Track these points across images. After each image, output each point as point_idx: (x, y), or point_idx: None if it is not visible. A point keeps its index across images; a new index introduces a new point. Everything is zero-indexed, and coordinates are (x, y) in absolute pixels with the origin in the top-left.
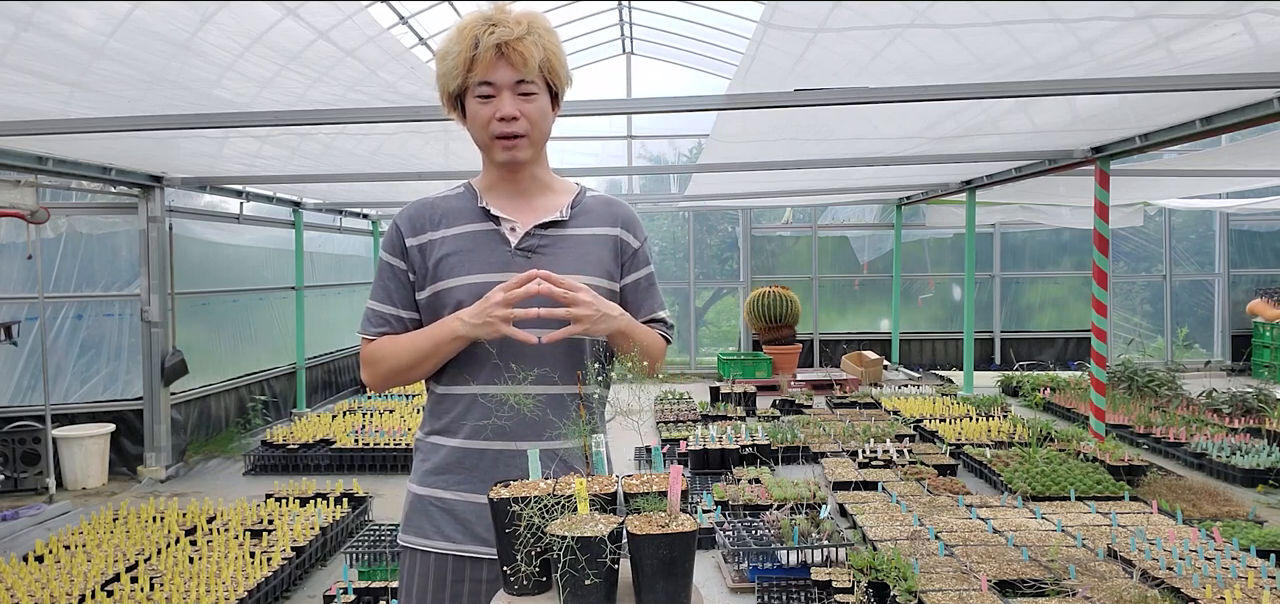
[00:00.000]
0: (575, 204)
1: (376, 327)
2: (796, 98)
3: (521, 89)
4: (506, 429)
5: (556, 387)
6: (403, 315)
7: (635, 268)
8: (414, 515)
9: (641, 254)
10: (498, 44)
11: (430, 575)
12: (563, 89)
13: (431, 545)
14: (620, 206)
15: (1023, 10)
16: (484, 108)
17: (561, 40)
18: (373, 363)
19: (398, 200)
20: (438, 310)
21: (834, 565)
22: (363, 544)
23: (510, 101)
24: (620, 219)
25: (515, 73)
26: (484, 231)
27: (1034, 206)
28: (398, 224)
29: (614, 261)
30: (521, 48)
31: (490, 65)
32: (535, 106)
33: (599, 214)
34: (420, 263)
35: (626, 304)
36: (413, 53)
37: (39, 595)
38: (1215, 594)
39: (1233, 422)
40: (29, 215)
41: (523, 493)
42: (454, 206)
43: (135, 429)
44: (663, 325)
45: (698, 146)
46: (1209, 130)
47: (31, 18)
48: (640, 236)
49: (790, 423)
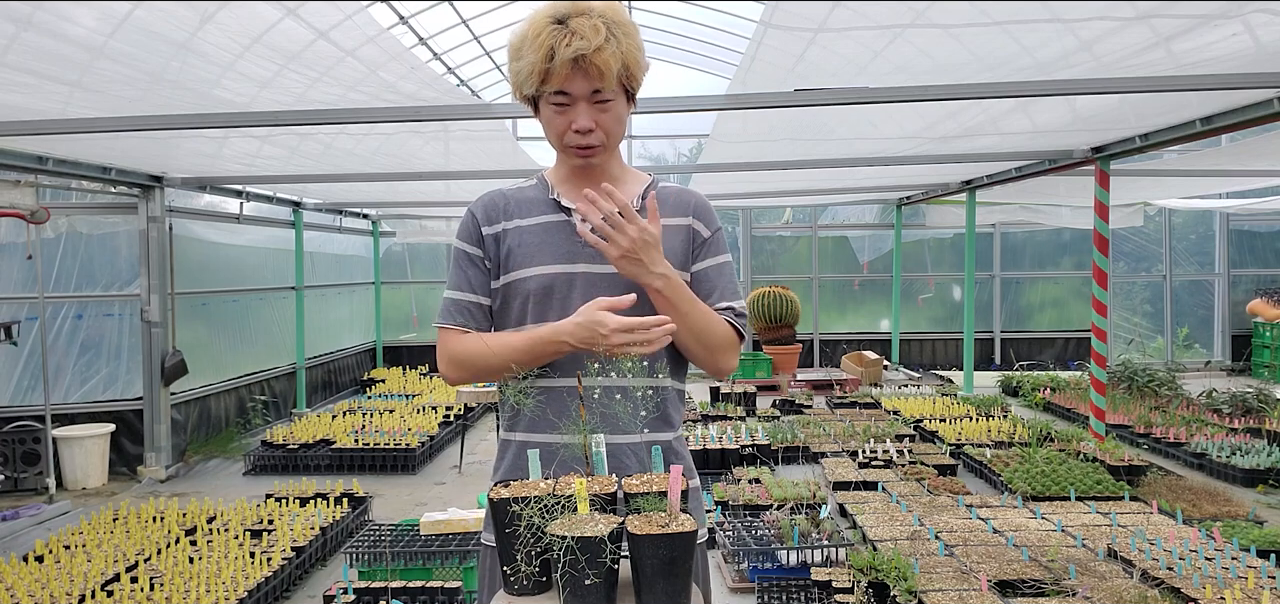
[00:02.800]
0: (646, 195)
1: (460, 317)
2: (796, 98)
3: (598, 98)
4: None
5: (651, 377)
6: (484, 302)
7: (706, 255)
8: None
9: (714, 242)
10: (575, 57)
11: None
12: (639, 87)
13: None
14: (692, 195)
15: (1023, 10)
16: (559, 117)
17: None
18: (460, 360)
19: (398, 200)
20: (509, 300)
21: (834, 565)
22: (363, 544)
23: (586, 114)
24: (691, 207)
25: (591, 84)
26: (556, 223)
27: (1034, 206)
28: (473, 212)
29: (685, 251)
30: (599, 61)
31: (567, 77)
32: (611, 115)
33: (670, 203)
34: (495, 251)
35: (697, 291)
36: (413, 53)
37: (39, 595)
38: (1215, 594)
39: (1233, 422)
40: (29, 215)
41: (523, 493)
42: (527, 197)
43: (135, 429)
44: (732, 314)
45: (698, 146)
46: (1209, 130)
47: (31, 18)
48: (712, 225)
49: (790, 423)
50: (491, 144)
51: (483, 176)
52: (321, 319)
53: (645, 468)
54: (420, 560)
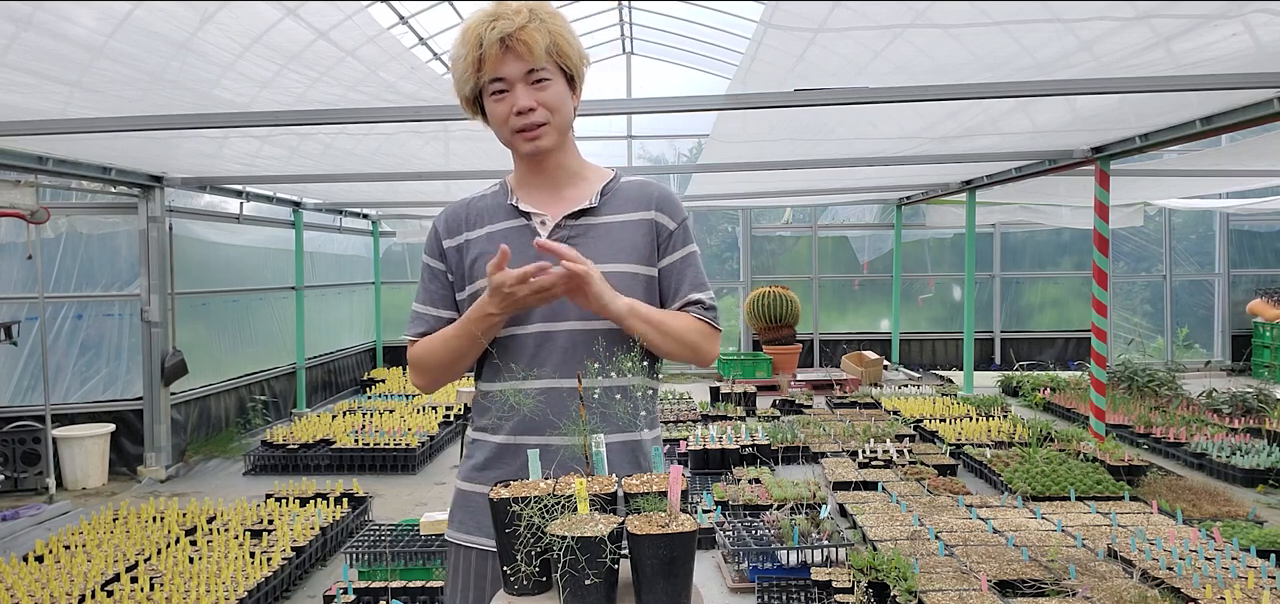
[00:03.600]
0: (607, 190)
1: (417, 328)
2: (796, 98)
3: (534, 78)
4: (550, 424)
5: (613, 378)
6: (443, 315)
7: (672, 249)
8: (458, 511)
9: (679, 234)
10: (501, 38)
11: (473, 571)
12: (578, 70)
13: (474, 541)
14: (655, 187)
15: (1023, 10)
16: (500, 105)
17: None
18: (419, 367)
19: (398, 200)
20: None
21: (834, 565)
22: (363, 544)
23: (524, 94)
24: (654, 200)
25: (524, 63)
26: (515, 228)
27: (1034, 206)
28: (435, 226)
29: (649, 245)
30: (525, 36)
31: (498, 61)
32: (551, 93)
33: (632, 197)
34: (457, 264)
35: (663, 286)
36: (413, 53)
37: (39, 595)
38: (1215, 594)
39: (1233, 422)
40: (29, 215)
41: (523, 493)
42: (487, 205)
43: (135, 429)
44: (700, 308)
45: (698, 146)
46: (1209, 130)
47: (31, 18)
48: (677, 216)
49: (790, 423)
50: (491, 144)
51: (483, 176)
52: (321, 319)
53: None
54: (420, 560)
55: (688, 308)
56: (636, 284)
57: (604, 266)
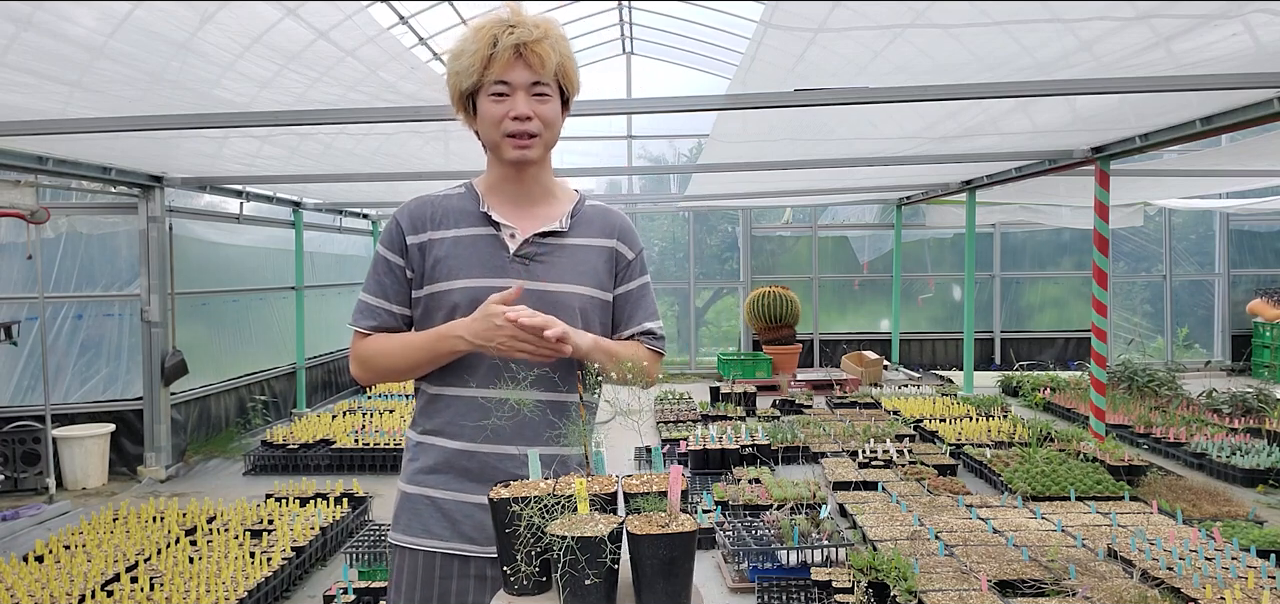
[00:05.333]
0: (574, 213)
1: (368, 319)
2: (796, 98)
3: (536, 91)
4: (504, 432)
5: (557, 391)
6: (395, 311)
7: (628, 279)
8: (403, 514)
9: (636, 264)
10: (517, 45)
11: (419, 573)
12: (573, 94)
13: (420, 544)
14: (616, 217)
15: (1023, 10)
16: (497, 106)
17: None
18: (364, 360)
19: (398, 200)
20: (432, 311)
21: (834, 565)
22: (363, 544)
23: (525, 102)
24: (616, 230)
25: (532, 74)
26: (483, 236)
27: (1034, 206)
28: (398, 220)
29: (608, 272)
30: (540, 50)
31: (508, 65)
32: (548, 109)
33: (596, 224)
34: (419, 261)
35: (617, 313)
36: (413, 53)
37: (39, 595)
38: (1215, 594)
39: (1233, 422)
40: (29, 215)
41: (523, 493)
42: (454, 207)
43: (135, 429)
44: (650, 337)
45: (698, 146)
46: (1209, 130)
47: (31, 18)
48: (635, 247)
49: (790, 423)
50: None
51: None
52: (321, 319)
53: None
54: None
55: (640, 337)
56: (593, 306)
57: (566, 287)
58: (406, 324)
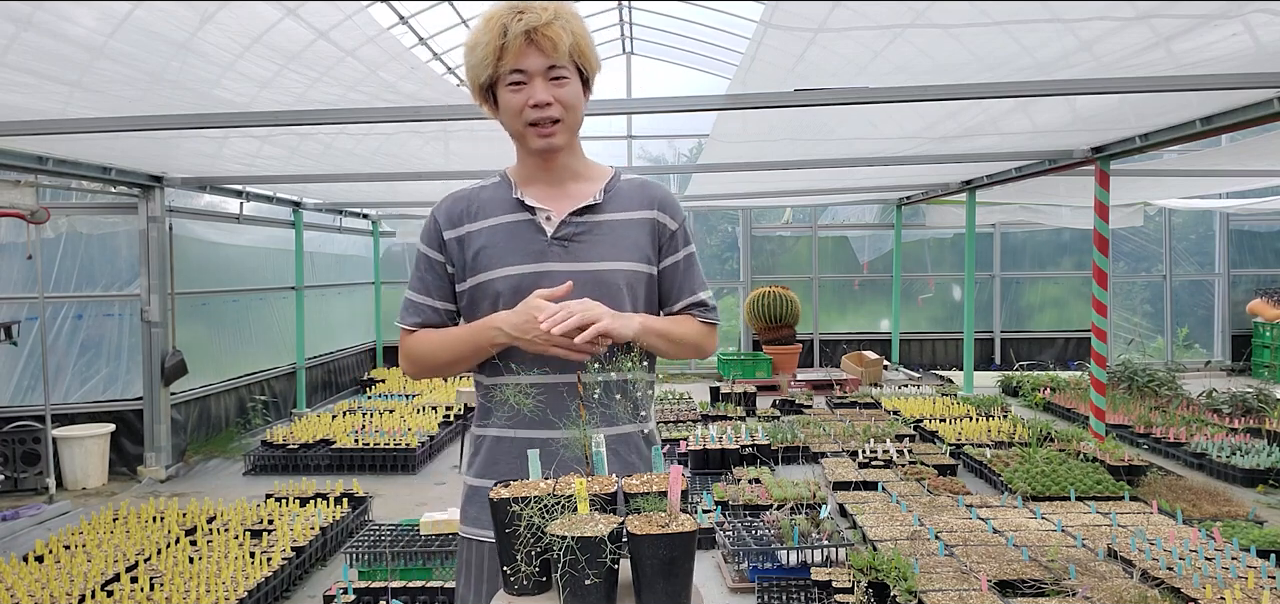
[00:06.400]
0: (608, 188)
1: (413, 317)
2: (796, 98)
3: (553, 75)
4: (561, 416)
5: (610, 377)
6: (438, 307)
7: (673, 250)
8: (470, 506)
9: (680, 235)
10: (526, 30)
11: (486, 563)
12: (593, 74)
13: (485, 535)
14: (656, 188)
15: (1023, 10)
16: (516, 96)
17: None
18: (412, 356)
19: (398, 200)
20: (477, 302)
21: (834, 565)
22: (363, 544)
23: (542, 88)
24: (656, 200)
25: (546, 58)
26: (520, 222)
27: (1034, 206)
28: (435, 216)
29: (651, 245)
30: (551, 33)
31: (520, 52)
32: (568, 92)
33: (634, 197)
34: (459, 255)
35: (664, 287)
36: (413, 53)
37: (39, 595)
38: (1215, 594)
39: (1233, 422)
40: (29, 215)
41: (523, 493)
42: (490, 197)
43: (135, 429)
44: (702, 308)
45: (698, 146)
46: (1209, 130)
47: (31, 18)
48: (677, 217)
49: (790, 423)
50: (491, 145)
51: (483, 176)
52: (321, 319)
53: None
54: (420, 560)
55: (690, 309)
56: (639, 280)
57: (608, 264)
58: (451, 318)
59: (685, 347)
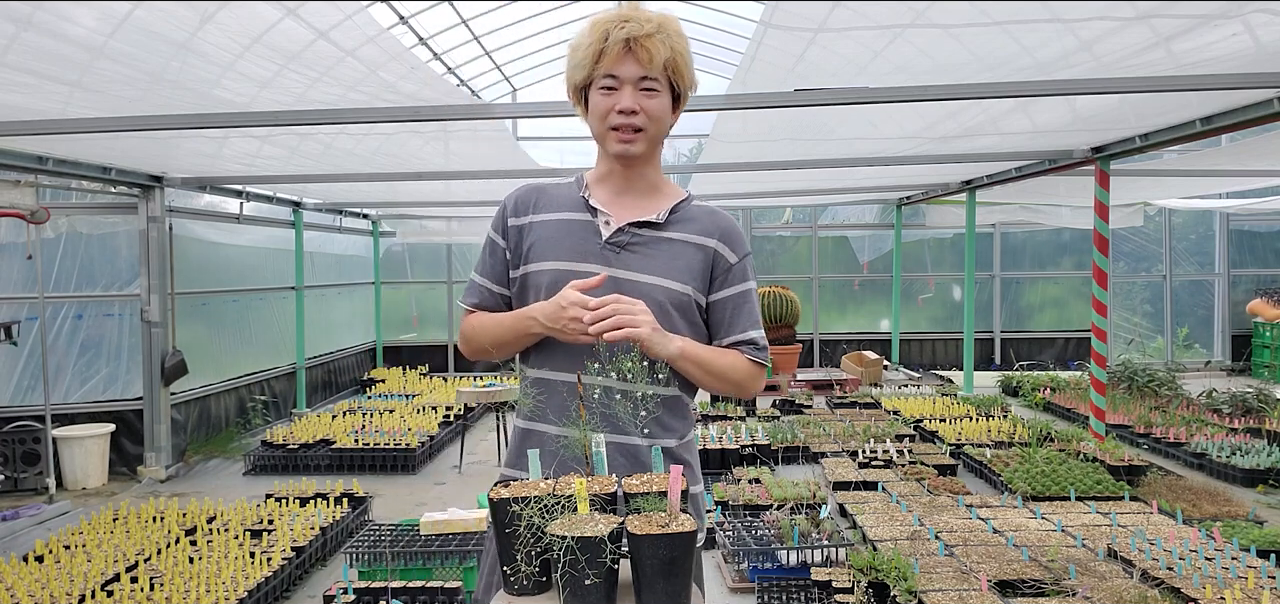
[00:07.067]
0: (676, 209)
1: (470, 297)
2: (796, 98)
3: (644, 85)
4: (592, 419)
5: (650, 383)
6: (494, 289)
7: (727, 284)
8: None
9: (738, 270)
10: (627, 39)
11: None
12: (686, 92)
13: None
14: (722, 218)
15: (1023, 10)
16: (604, 99)
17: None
18: (465, 335)
19: (398, 200)
20: (524, 291)
21: (834, 565)
22: (363, 544)
23: (631, 95)
24: (720, 231)
25: (640, 68)
26: (579, 221)
27: (1034, 206)
28: (505, 203)
29: (704, 272)
30: (649, 44)
31: (617, 59)
32: (656, 104)
33: (699, 222)
34: (517, 243)
35: (714, 319)
36: (413, 53)
37: (39, 595)
38: (1215, 594)
39: (1233, 422)
40: (29, 215)
41: (523, 493)
42: (559, 193)
43: (135, 429)
44: (752, 348)
45: (698, 146)
46: (1209, 130)
47: (31, 18)
48: (739, 251)
49: (790, 423)
50: (491, 144)
51: (483, 176)
52: (321, 319)
53: (643, 469)
54: (420, 560)
55: (739, 346)
56: (681, 303)
57: (656, 279)
58: (505, 303)
59: (726, 382)
